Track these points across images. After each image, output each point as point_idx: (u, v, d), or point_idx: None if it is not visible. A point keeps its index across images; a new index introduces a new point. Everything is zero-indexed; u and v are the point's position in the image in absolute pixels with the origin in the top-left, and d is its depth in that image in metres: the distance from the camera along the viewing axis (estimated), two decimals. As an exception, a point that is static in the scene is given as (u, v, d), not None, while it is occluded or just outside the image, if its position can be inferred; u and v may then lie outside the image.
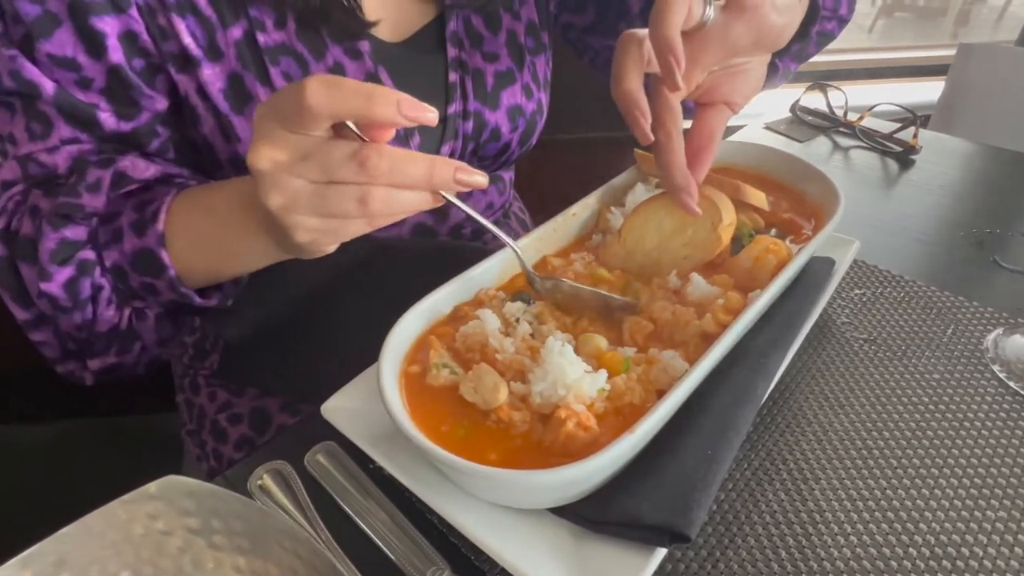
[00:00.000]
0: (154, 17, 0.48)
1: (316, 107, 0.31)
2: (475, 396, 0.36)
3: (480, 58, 0.60)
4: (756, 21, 0.42)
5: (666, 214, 0.47)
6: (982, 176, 0.75)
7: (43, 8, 0.45)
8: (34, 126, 0.49)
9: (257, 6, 0.49)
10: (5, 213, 0.50)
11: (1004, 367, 0.46)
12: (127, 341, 0.53)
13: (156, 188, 0.50)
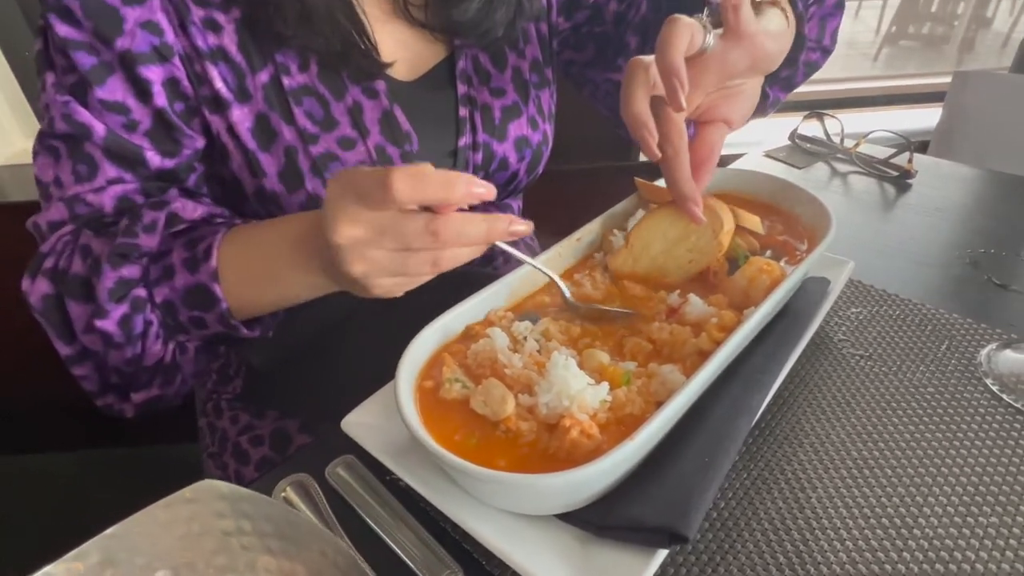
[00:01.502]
0: (191, 64, 0.52)
1: (402, 198, 0.36)
2: (485, 408, 0.38)
3: (488, 93, 0.64)
4: (752, 48, 0.46)
5: (671, 223, 0.50)
6: (977, 199, 0.77)
7: (98, 59, 0.49)
8: (80, 168, 0.52)
9: (282, 52, 0.54)
10: (54, 253, 0.53)
11: (997, 381, 0.48)
12: (170, 374, 0.56)
13: (202, 227, 0.53)
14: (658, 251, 0.50)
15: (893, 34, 4.15)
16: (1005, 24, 4.13)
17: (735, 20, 0.45)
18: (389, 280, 0.41)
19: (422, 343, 0.42)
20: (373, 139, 0.57)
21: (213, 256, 0.49)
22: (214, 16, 0.52)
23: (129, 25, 0.49)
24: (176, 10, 0.50)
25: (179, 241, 0.52)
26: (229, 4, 0.52)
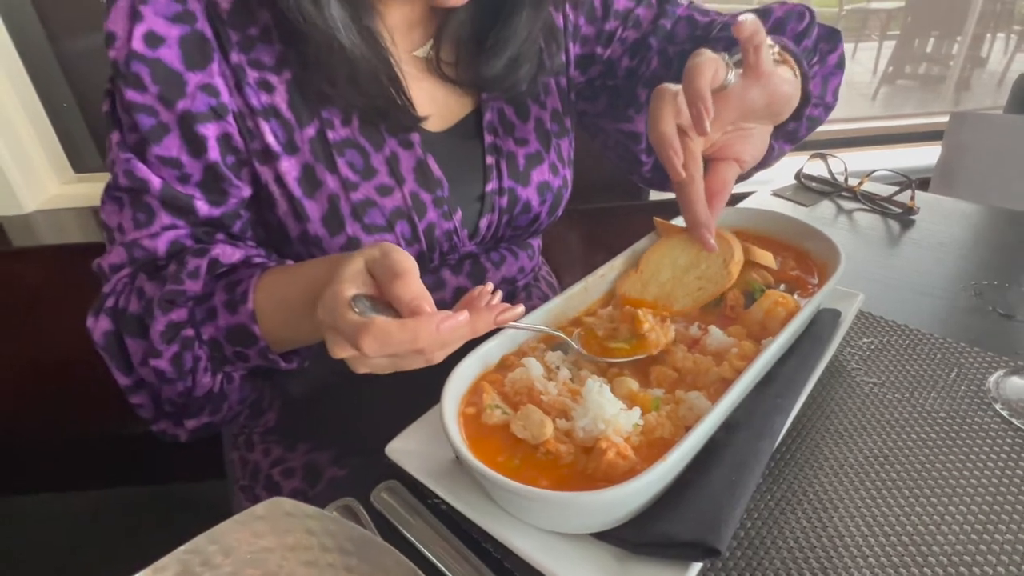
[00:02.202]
0: (244, 121, 0.57)
1: (371, 354, 0.38)
2: (525, 432, 0.41)
3: (512, 142, 0.68)
4: (768, 87, 0.50)
5: (681, 251, 0.53)
6: (979, 233, 0.80)
7: (157, 120, 0.54)
8: (139, 216, 0.57)
9: (328, 108, 0.59)
10: (114, 293, 0.58)
11: (1006, 406, 0.50)
12: (218, 402, 0.60)
13: (241, 269, 0.57)
14: (667, 277, 0.53)
15: (890, 74, 4.25)
16: (999, 64, 4.24)
17: (755, 59, 0.49)
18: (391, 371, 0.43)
19: (462, 372, 0.45)
20: (408, 186, 0.62)
21: (250, 299, 0.53)
22: (268, 78, 0.57)
23: (190, 88, 0.54)
24: (233, 73, 0.56)
25: (220, 284, 0.56)
26: (281, 67, 0.57)
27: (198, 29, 0.54)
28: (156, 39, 0.52)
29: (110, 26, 0.53)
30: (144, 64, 0.53)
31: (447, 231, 0.65)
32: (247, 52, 0.56)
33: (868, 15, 4.94)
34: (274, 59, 0.57)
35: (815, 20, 0.65)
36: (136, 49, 0.52)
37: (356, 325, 0.38)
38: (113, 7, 0.53)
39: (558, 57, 0.71)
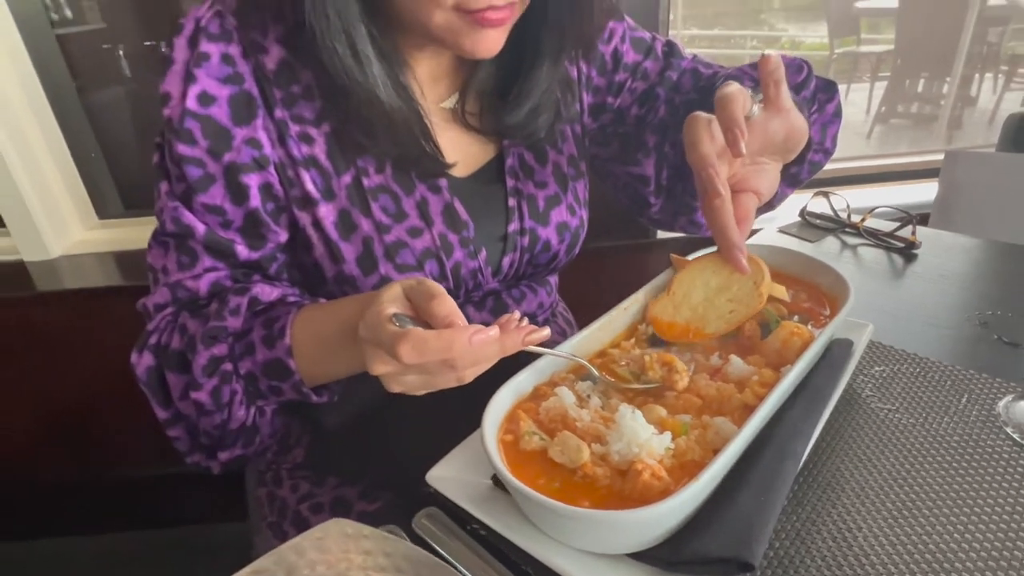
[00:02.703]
0: (285, 171, 0.61)
1: (409, 362, 0.42)
2: (562, 457, 0.43)
3: (532, 186, 0.73)
4: (787, 121, 0.55)
5: (713, 273, 0.56)
6: (979, 266, 0.84)
7: (205, 171, 0.58)
8: (183, 259, 0.61)
9: (363, 157, 0.63)
10: (157, 331, 0.61)
11: (1016, 429, 0.53)
12: (251, 435, 0.63)
13: (278, 307, 0.60)
14: (699, 300, 0.56)
15: (883, 113, 4.37)
16: (989, 102, 4.36)
17: (776, 93, 0.54)
18: (423, 391, 0.48)
19: (499, 401, 0.47)
20: (437, 228, 0.65)
21: (287, 335, 0.56)
22: (308, 131, 0.61)
23: (237, 142, 0.59)
24: (276, 127, 0.60)
25: (259, 320, 0.59)
26: (320, 121, 0.61)
27: (246, 89, 0.58)
28: (208, 98, 0.57)
29: (166, 87, 0.58)
30: (196, 121, 0.57)
31: (472, 269, 0.68)
32: (290, 108, 0.60)
33: (859, 58, 5.10)
34: (314, 114, 0.61)
35: (812, 72, 0.70)
36: (190, 107, 0.57)
37: (395, 334, 0.42)
38: (169, 70, 0.58)
39: (573, 106, 0.76)
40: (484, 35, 0.57)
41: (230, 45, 0.57)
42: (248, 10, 0.58)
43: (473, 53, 0.59)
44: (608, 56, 0.76)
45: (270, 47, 0.59)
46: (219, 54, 0.57)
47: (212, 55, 0.57)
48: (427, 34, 0.58)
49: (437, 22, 0.55)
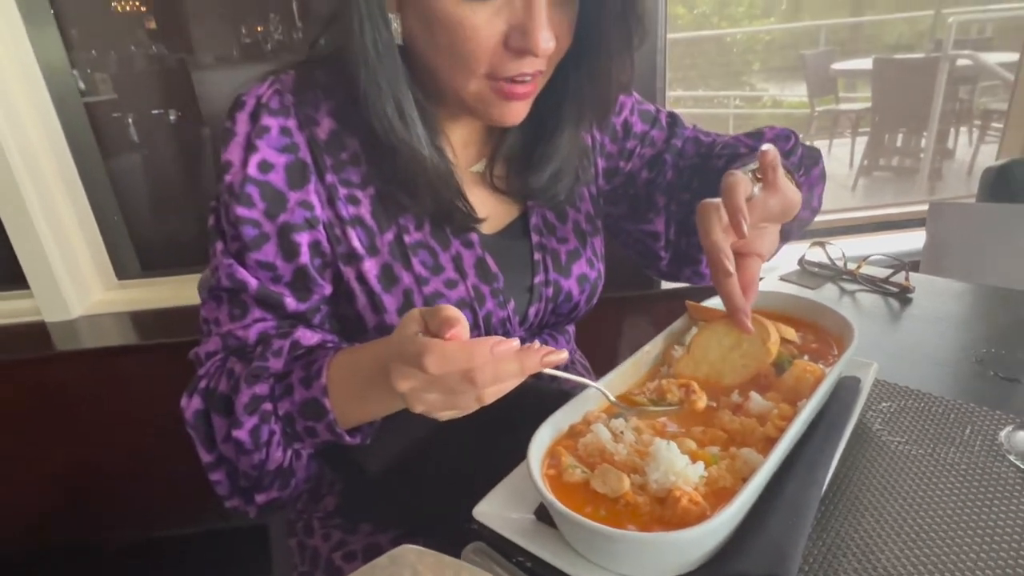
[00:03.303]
0: (333, 229, 0.67)
1: (434, 372, 0.46)
2: (604, 487, 0.47)
3: (555, 241, 0.78)
4: (783, 197, 0.61)
5: (725, 333, 0.61)
6: (971, 308, 0.89)
7: (260, 231, 0.64)
8: (235, 311, 0.66)
9: (404, 216, 0.69)
10: (207, 376, 0.65)
11: (1019, 456, 0.56)
12: (287, 477, 0.66)
13: (317, 351, 0.65)
14: (716, 357, 0.61)
15: (866, 167, 4.54)
16: (966, 155, 4.55)
17: (773, 176, 0.61)
18: (446, 413, 0.52)
19: (540, 438, 0.51)
20: (470, 280, 0.71)
21: (323, 375, 0.60)
22: (355, 193, 0.67)
23: (291, 204, 0.64)
24: (327, 190, 0.66)
25: (299, 363, 0.63)
26: (366, 184, 0.67)
27: (300, 157, 0.64)
28: (267, 166, 0.63)
29: (228, 156, 0.64)
30: (256, 186, 0.63)
31: (502, 318, 0.73)
32: (338, 173, 0.67)
33: (838, 115, 5.33)
34: (360, 178, 0.67)
35: (799, 140, 0.78)
36: (250, 174, 0.63)
37: (421, 344, 0.46)
38: (231, 141, 0.64)
39: (589, 170, 0.83)
40: (510, 106, 0.64)
41: (288, 119, 0.64)
42: (303, 88, 0.65)
43: (501, 122, 0.65)
44: (619, 126, 0.84)
45: (322, 120, 0.66)
46: (278, 127, 0.63)
47: (272, 128, 0.63)
48: (461, 103, 0.65)
49: (470, 90, 0.62)
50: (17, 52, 1.38)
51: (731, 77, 6.66)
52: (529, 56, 0.59)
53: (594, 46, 0.66)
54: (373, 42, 0.60)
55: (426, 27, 0.60)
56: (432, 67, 0.63)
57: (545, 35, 0.58)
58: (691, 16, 6.83)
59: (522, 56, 0.60)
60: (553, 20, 0.59)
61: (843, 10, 7.07)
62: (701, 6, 7.12)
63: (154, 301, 1.62)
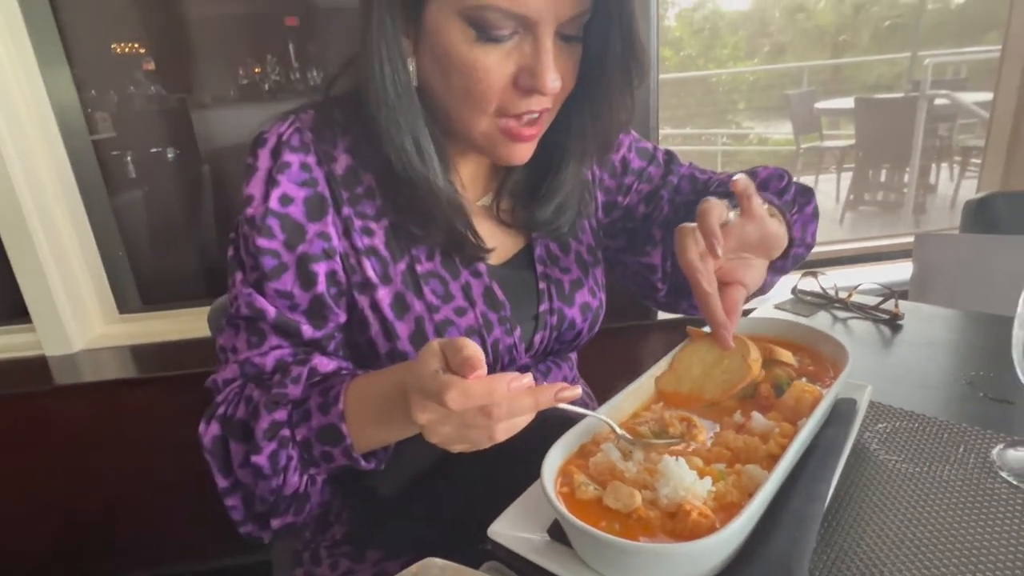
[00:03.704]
0: (349, 259, 0.69)
1: (455, 408, 0.48)
2: (617, 503, 0.49)
3: (559, 271, 0.81)
4: (760, 225, 0.65)
5: (707, 350, 0.64)
6: (959, 333, 0.92)
7: (279, 261, 0.66)
8: (252, 339, 0.68)
9: (416, 247, 0.72)
10: (226, 402, 0.67)
11: (1011, 473, 0.59)
12: (302, 503, 0.67)
13: (333, 378, 0.67)
14: (698, 373, 0.64)
15: (852, 201, 4.65)
16: (948, 188, 4.67)
17: (748, 204, 0.64)
18: (459, 446, 0.54)
19: (553, 457, 0.53)
20: (479, 308, 0.73)
21: (341, 401, 0.62)
22: (369, 225, 0.70)
23: (309, 235, 0.67)
24: (343, 222, 0.69)
25: (316, 389, 0.65)
26: (380, 216, 0.70)
27: (319, 191, 0.68)
28: (287, 199, 0.66)
29: (250, 190, 0.67)
30: (276, 218, 0.66)
31: (508, 345, 0.75)
32: (354, 206, 0.70)
33: (823, 152, 5.47)
34: (375, 211, 0.70)
35: (792, 179, 0.82)
36: (272, 207, 0.66)
37: (443, 382, 0.48)
38: (253, 176, 0.67)
39: (590, 204, 0.86)
40: (517, 147, 0.68)
41: (308, 155, 0.67)
42: (322, 126, 0.69)
43: (508, 161, 0.69)
44: (617, 162, 0.88)
45: (339, 156, 0.69)
46: (298, 162, 0.66)
47: (293, 163, 0.66)
48: (471, 142, 0.69)
49: (481, 129, 0.66)
50: (32, 91, 1.42)
51: (718, 116, 6.85)
52: (537, 95, 0.63)
53: (596, 86, 0.70)
54: (392, 83, 0.64)
55: (441, 69, 0.64)
56: (446, 106, 0.67)
57: (552, 76, 0.62)
58: (678, 58, 7.05)
59: (530, 95, 0.63)
60: (559, 62, 0.63)
61: (824, 52, 7.32)
62: (687, 48, 7.36)
63: (154, 335, 1.63)
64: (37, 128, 1.44)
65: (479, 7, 0.59)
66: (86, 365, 1.54)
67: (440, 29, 0.62)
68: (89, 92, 1.54)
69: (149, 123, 1.63)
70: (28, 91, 1.42)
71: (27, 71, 1.41)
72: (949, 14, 6.63)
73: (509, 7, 0.58)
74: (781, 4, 7.39)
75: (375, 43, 0.63)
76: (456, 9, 0.60)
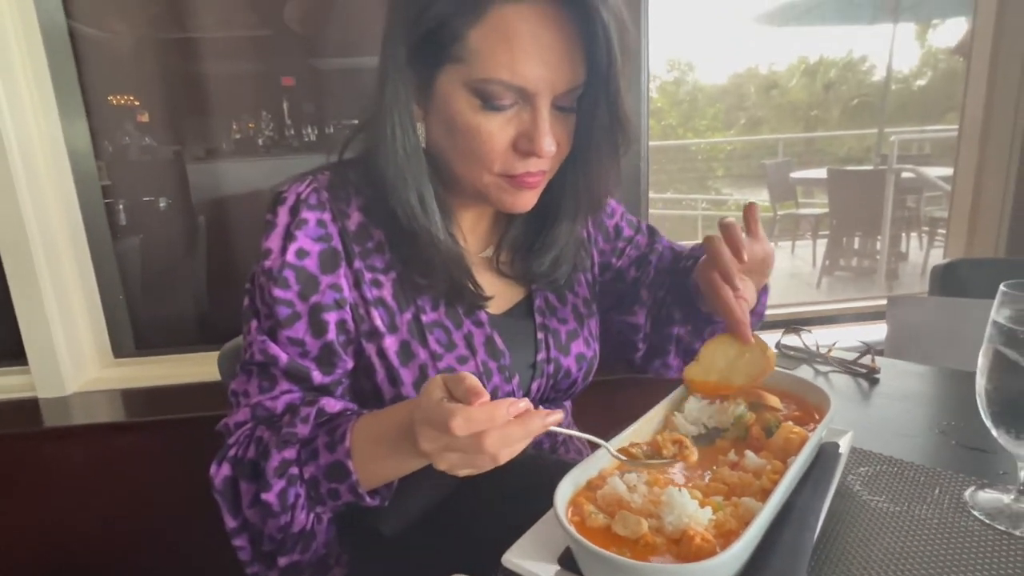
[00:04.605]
0: (358, 309, 0.74)
1: (459, 434, 0.53)
2: (625, 531, 0.52)
3: (556, 321, 0.87)
4: (763, 246, 0.76)
5: (729, 344, 0.71)
6: (932, 387, 0.99)
7: (293, 310, 0.71)
8: (264, 383, 0.71)
9: (421, 297, 0.77)
10: (237, 444, 0.70)
11: (982, 512, 0.64)
12: (309, 541, 0.70)
13: (339, 417, 0.70)
14: (723, 365, 0.71)
15: (827, 267, 4.82)
16: (919, 256, 4.87)
17: (755, 227, 0.75)
18: (465, 470, 0.58)
19: (563, 490, 0.57)
20: (480, 356, 0.78)
21: (347, 439, 0.66)
22: (378, 277, 0.75)
23: (322, 287, 0.72)
24: (354, 275, 0.74)
25: (323, 428, 0.69)
26: (388, 269, 0.76)
27: (333, 245, 0.73)
28: (303, 253, 0.71)
29: (269, 244, 0.71)
30: (292, 270, 0.70)
31: (507, 392, 0.80)
32: (364, 259, 0.75)
33: (799, 219, 5.70)
34: (383, 264, 0.76)
35: None
36: (289, 260, 0.70)
37: (447, 411, 0.53)
38: (273, 230, 0.72)
39: (586, 259, 0.93)
40: (522, 194, 0.74)
41: (323, 213, 0.73)
42: (336, 186, 0.75)
43: (512, 208, 0.76)
44: (611, 228, 0.96)
45: (352, 214, 0.75)
46: (315, 219, 0.72)
47: (310, 220, 0.72)
48: (474, 191, 0.75)
49: (485, 182, 0.72)
50: (51, 139, 1.48)
51: (697, 182, 7.13)
52: (534, 157, 0.70)
53: (586, 152, 0.77)
54: (402, 144, 0.71)
55: (448, 132, 0.71)
56: (451, 164, 0.73)
57: (547, 140, 0.69)
58: (660, 127, 7.39)
59: (528, 157, 0.70)
60: (555, 129, 0.70)
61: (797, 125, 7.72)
62: (668, 119, 7.72)
63: (146, 379, 1.64)
64: (52, 175, 1.49)
65: (484, 80, 0.66)
66: (78, 408, 1.53)
67: (448, 98, 0.69)
68: (100, 142, 1.60)
69: (144, 173, 1.69)
70: (47, 139, 1.47)
71: (48, 120, 1.47)
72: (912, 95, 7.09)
73: (511, 80, 0.66)
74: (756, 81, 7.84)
75: (388, 109, 0.70)
76: (463, 81, 0.67)
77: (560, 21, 0.66)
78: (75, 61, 1.52)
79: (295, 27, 1.71)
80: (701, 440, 0.69)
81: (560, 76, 0.67)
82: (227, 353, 1.02)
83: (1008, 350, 0.59)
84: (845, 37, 7.07)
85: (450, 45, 0.66)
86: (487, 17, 0.65)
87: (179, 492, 1.48)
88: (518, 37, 0.65)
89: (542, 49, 0.65)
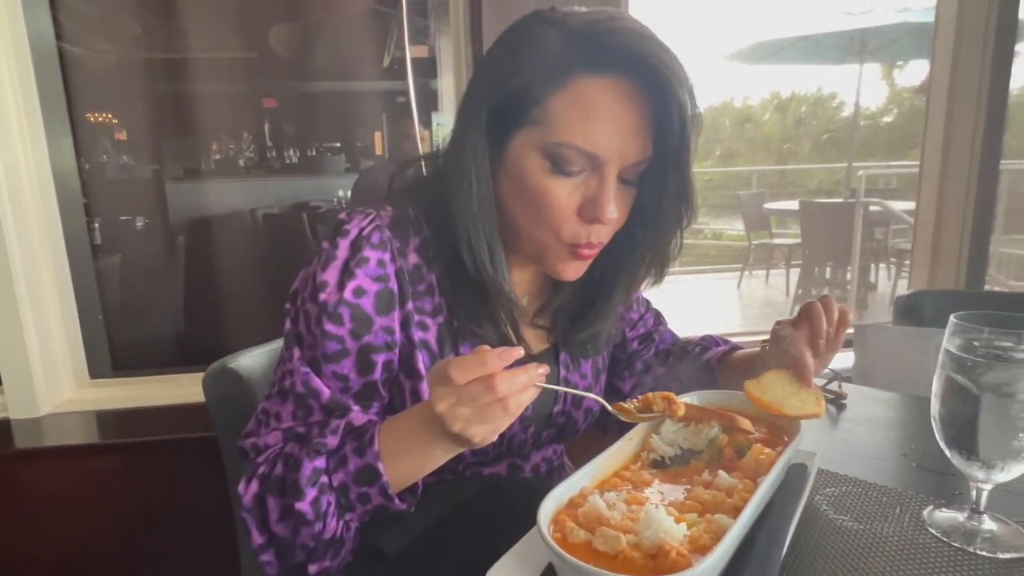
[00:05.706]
0: (404, 350, 0.76)
1: (456, 380, 0.58)
2: (604, 546, 0.55)
3: (577, 376, 0.90)
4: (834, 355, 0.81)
5: (789, 381, 0.76)
6: (896, 412, 1.04)
7: (343, 347, 0.72)
8: (299, 412, 0.72)
9: (464, 344, 0.79)
10: (267, 462, 0.71)
11: (939, 530, 0.67)
12: (339, 547, 0.71)
13: (365, 426, 0.71)
14: (779, 392, 0.75)
15: (800, 295, 4.94)
16: (887, 287, 5.03)
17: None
18: (479, 428, 0.61)
19: (546, 508, 0.59)
20: None
21: (376, 442, 0.67)
22: (426, 320, 0.77)
23: (376, 327, 0.73)
24: (405, 318, 0.76)
25: (350, 436, 0.70)
26: (436, 313, 0.78)
27: (389, 287, 0.74)
28: (361, 291, 0.72)
29: (326, 276, 0.72)
30: (348, 308, 0.71)
31: (521, 441, 0.82)
32: (416, 300, 0.76)
33: (773, 248, 5.84)
34: (432, 307, 0.78)
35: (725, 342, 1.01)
36: (346, 298, 0.71)
37: (444, 363, 0.58)
38: (332, 262, 0.72)
39: (618, 336, 0.99)
40: (574, 264, 0.77)
41: (384, 252, 0.74)
42: (397, 225, 0.77)
43: (562, 276, 0.78)
44: (635, 299, 1.02)
45: (409, 254, 0.77)
46: (376, 259, 0.73)
47: (371, 260, 0.73)
48: (533, 251, 0.77)
49: (547, 245, 0.75)
50: (35, 157, 1.48)
51: (675, 210, 7.22)
52: (597, 224, 0.73)
53: (653, 223, 0.79)
54: (477, 196, 0.73)
55: (517, 192, 0.74)
56: (515, 221, 0.76)
57: (612, 207, 0.72)
58: (638, 156, 7.46)
59: (591, 224, 0.73)
60: (617, 199, 0.73)
61: (770, 158, 7.94)
62: (647, 148, 7.81)
63: (121, 401, 1.62)
64: (36, 192, 1.49)
65: (558, 144, 0.69)
66: (50, 429, 1.51)
67: (521, 159, 0.72)
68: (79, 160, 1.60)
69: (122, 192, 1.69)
70: (32, 157, 1.47)
71: (34, 138, 1.48)
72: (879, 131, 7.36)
73: (584, 146, 0.69)
74: (731, 114, 8.08)
75: (467, 163, 0.72)
76: (538, 144, 0.70)
77: (637, 97, 0.69)
78: (63, 80, 1.53)
79: (280, 51, 1.74)
80: (677, 461, 0.72)
81: (631, 147, 0.71)
82: (213, 374, 1.02)
83: (959, 376, 0.63)
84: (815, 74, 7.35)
85: (530, 108, 0.70)
86: (570, 86, 0.68)
87: (153, 514, 1.47)
88: (595, 107, 0.68)
89: (616, 121, 0.69)
